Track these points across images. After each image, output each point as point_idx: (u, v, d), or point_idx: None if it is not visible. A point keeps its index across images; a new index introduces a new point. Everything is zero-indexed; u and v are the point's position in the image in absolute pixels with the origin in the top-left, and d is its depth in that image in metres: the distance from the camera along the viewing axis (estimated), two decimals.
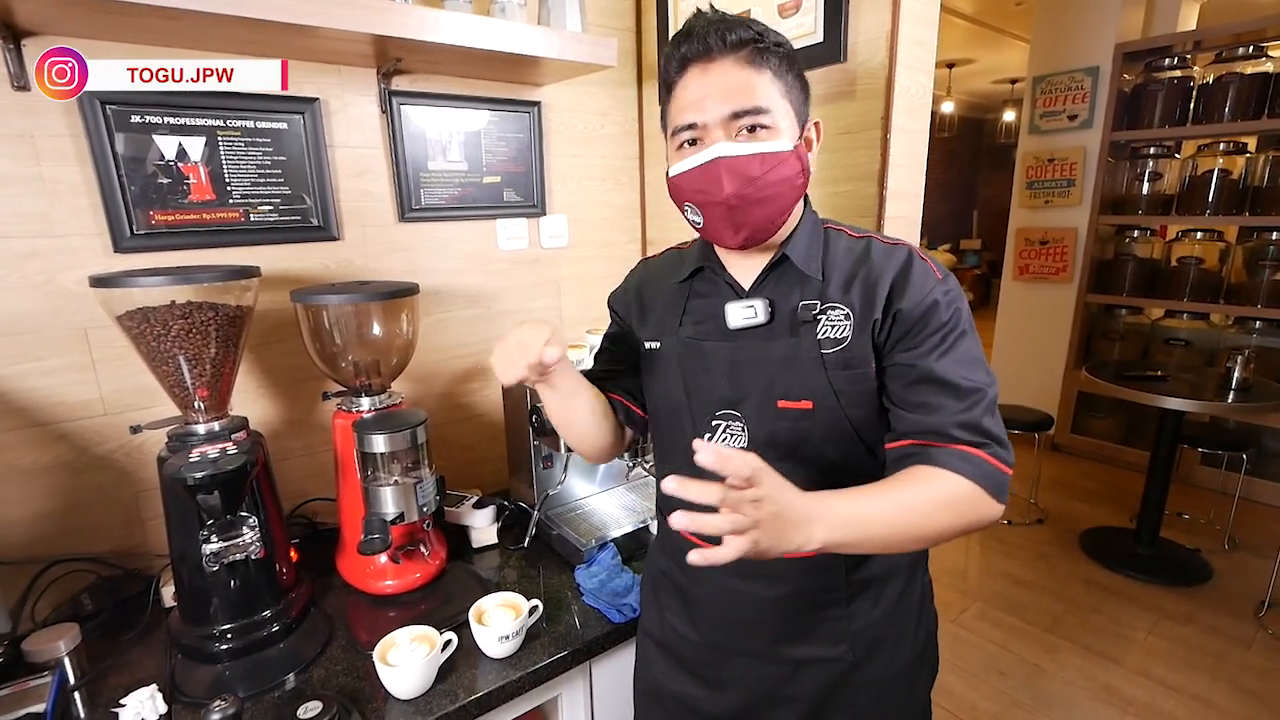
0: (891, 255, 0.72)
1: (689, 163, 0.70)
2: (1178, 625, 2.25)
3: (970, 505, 0.64)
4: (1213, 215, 3.16)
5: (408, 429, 1.01)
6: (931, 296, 0.68)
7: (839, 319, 0.71)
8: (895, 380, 0.70)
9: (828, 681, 0.80)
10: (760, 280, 0.76)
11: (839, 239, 0.76)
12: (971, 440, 0.65)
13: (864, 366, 0.70)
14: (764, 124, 0.67)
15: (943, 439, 0.66)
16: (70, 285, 1.00)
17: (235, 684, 0.87)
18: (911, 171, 1.17)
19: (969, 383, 0.67)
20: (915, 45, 1.11)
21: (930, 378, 0.67)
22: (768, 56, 0.67)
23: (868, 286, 0.71)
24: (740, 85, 0.66)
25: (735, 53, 0.67)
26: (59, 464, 1.03)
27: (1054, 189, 3.57)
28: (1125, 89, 3.34)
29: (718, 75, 0.67)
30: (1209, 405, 2.43)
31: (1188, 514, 3.00)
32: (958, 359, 0.67)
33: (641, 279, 0.90)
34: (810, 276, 0.73)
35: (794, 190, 0.71)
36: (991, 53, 5.82)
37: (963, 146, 8.81)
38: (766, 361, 0.73)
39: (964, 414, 0.66)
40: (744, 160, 0.67)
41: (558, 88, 1.43)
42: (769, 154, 0.67)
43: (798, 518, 0.55)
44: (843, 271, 0.73)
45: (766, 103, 0.67)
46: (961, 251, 8.98)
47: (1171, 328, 3.44)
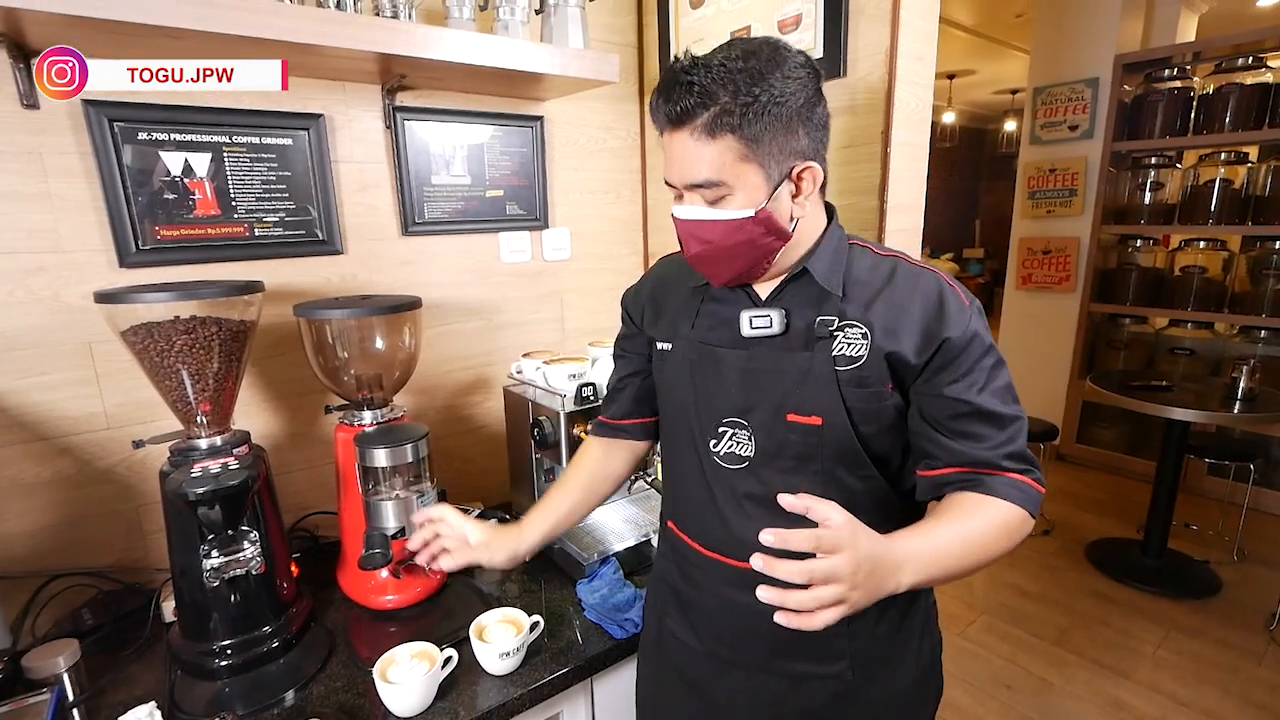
0: (919, 280, 0.72)
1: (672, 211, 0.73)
2: (1187, 638, 2.23)
3: (1020, 529, 0.68)
4: (1215, 225, 3.15)
5: (409, 443, 1.01)
6: (972, 327, 0.69)
7: (856, 338, 0.71)
8: (939, 410, 0.70)
9: (827, 698, 0.79)
10: (778, 291, 0.76)
11: (863, 256, 0.75)
12: (1018, 469, 0.69)
13: (878, 385, 0.71)
14: (719, 195, 0.67)
15: (992, 468, 0.69)
16: (75, 300, 1.01)
17: (234, 701, 0.87)
18: (912, 185, 1.18)
19: (1010, 412, 0.69)
20: (914, 60, 1.12)
21: (978, 411, 0.68)
22: (724, 120, 0.63)
23: (892, 308, 0.70)
24: (692, 160, 0.66)
25: (690, 122, 0.65)
26: (61, 478, 1.03)
27: (1056, 199, 3.58)
28: (1125, 99, 3.35)
29: (678, 145, 0.67)
30: (1215, 415, 2.41)
31: (1195, 525, 2.98)
32: (998, 389, 0.69)
33: (658, 277, 0.90)
34: (830, 292, 0.72)
35: (761, 250, 0.70)
36: (992, 64, 5.84)
37: (964, 156, 8.83)
38: (779, 373, 0.73)
39: (1009, 445, 0.69)
40: (700, 225, 0.69)
41: (560, 102, 1.45)
42: (721, 221, 0.68)
43: (888, 567, 0.58)
44: (864, 290, 0.72)
45: (717, 175, 0.65)
46: (964, 260, 8.97)
47: (1176, 337, 3.43)
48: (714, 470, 0.78)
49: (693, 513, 0.83)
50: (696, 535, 0.82)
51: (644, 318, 0.89)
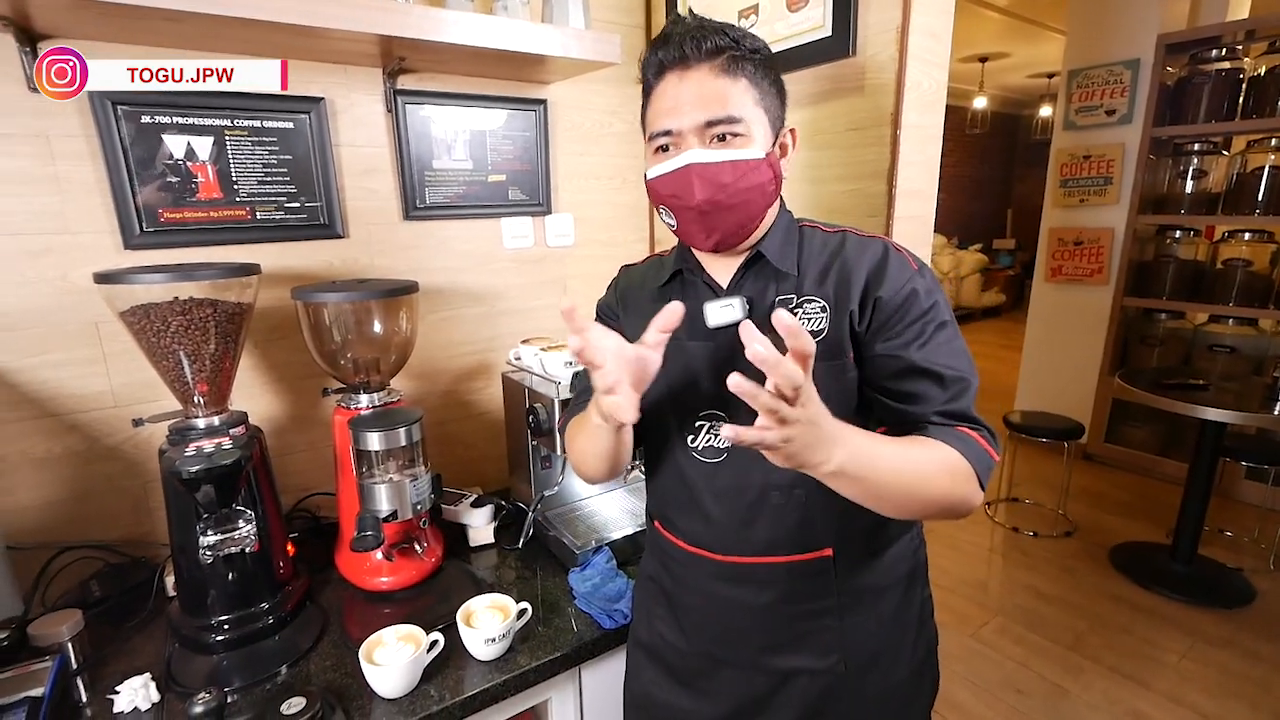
0: (866, 247, 0.73)
1: (663, 168, 0.70)
2: (1215, 649, 2.13)
3: (963, 480, 0.64)
4: (1263, 215, 2.99)
5: (402, 426, 1.01)
6: (910, 285, 0.69)
7: (815, 311, 0.71)
8: (879, 371, 0.70)
9: (818, 694, 0.78)
10: (738, 279, 0.76)
11: (814, 235, 0.77)
12: (963, 423, 0.67)
13: (843, 357, 0.70)
14: (736, 132, 0.67)
15: (930, 423, 0.67)
16: (82, 281, 1.03)
17: (229, 675, 0.89)
18: (923, 170, 1.13)
19: (953, 372, 0.67)
20: (928, 37, 1.07)
21: (915, 368, 0.67)
22: (743, 64, 0.67)
23: (842, 277, 0.71)
24: (714, 94, 0.67)
25: (710, 61, 0.67)
26: (70, 453, 1.06)
27: (1089, 187, 3.43)
28: (1168, 82, 3.18)
29: (693, 83, 0.67)
30: (1254, 417, 2.29)
31: (1230, 531, 2.85)
32: (940, 348, 0.68)
33: (624, 286, 0.90)
34: (785, 272, 0.73)
35: (765, 196, 0.71)
36: (1027, 46, 5.63)
37: (996, 144, 8.56)
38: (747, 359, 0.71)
39: (951, 403, 0.67)
40: (715, 167, 0.67)
41: (564, 86, 1.43)
42: (740, 161, 0.68)
43: (826, 434, 0.55)
44: (818, 265, 0.73)
45: (739, 112, 0.67)
46: (994, 251, 8.71)
47: (1216, 334, 3.27)
48: (693, 466, 0.77)
49: (675, 510, 0.82)
50: (680, 532, 0.81)
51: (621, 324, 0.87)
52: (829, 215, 1.17)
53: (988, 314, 8.06)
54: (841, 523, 0.74)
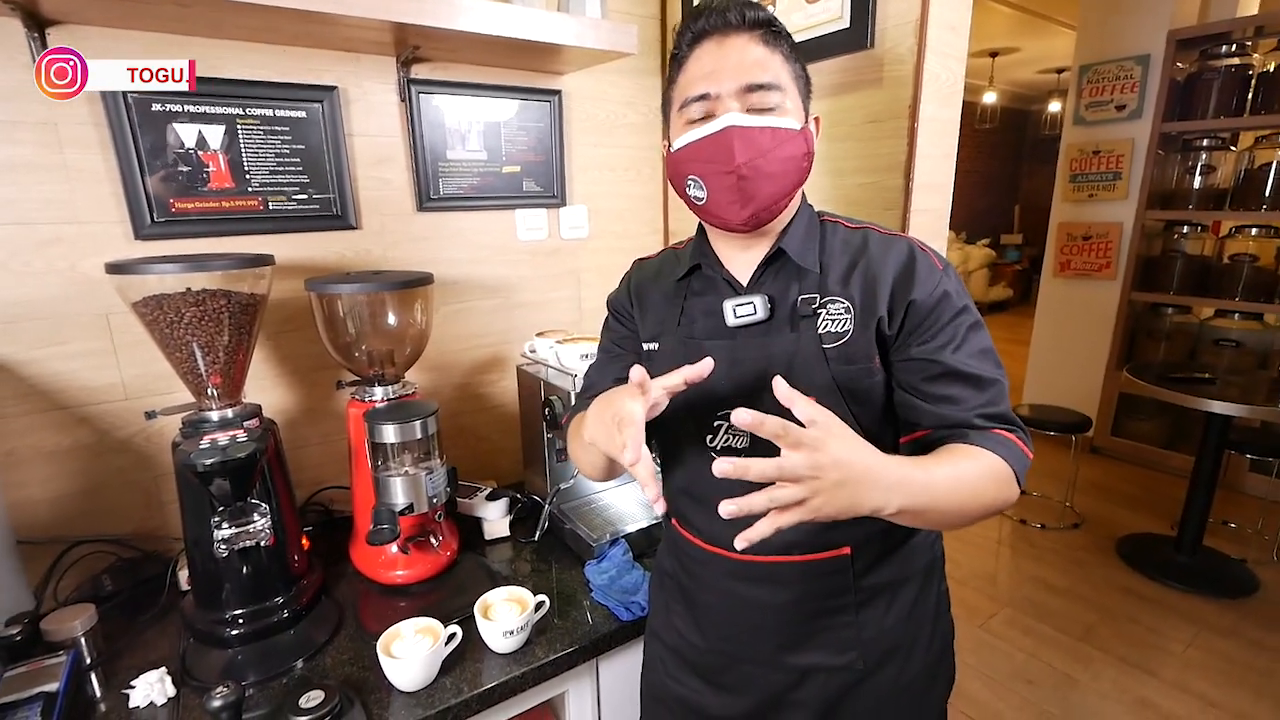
0: (891, 247, 0.71)
1: (698, 132, 0.68)
2: (1220, 638, 2.14)
3: (1005, 484, 0.64)
4: (1270, 211, 2.98)
5: (418, 419, 1.00)
6: (941, 288, 0.68)
7: (839, 313, 0.70)
8: (915, 374, 0.69)
9: (836, 690, 0.78)
10: (758, 276, 0.74)
11: (835, 230, 0.75)
12: (1002, 427, 0.67)
13: (866, 361, 0.69)
14: (775, 102, 0.67)
15: (973, 427, 0.67)
16: (92, 271, 1.01)
17: (245, 669, 0.88)
18: (940, 163, 1.12)
19: (988, 374, 0.68)
20: (946, 30, 1.06)
21: (952, 371, 0.67)
22: (780, 41, 0.69)
23: (868, 279, 0.70)
24: (757, 60, 0.67)
25: (752, 30, 0.67)
26: (80, 446, 1.05)
27: (1099, 182, 3.42)
28: (1178, 78, 3.16)
29: (734, 48, 0.67)
30: (1260, 410, 2.29)
31: (1234, 522, 2.86)
32: (974, 351, 0.68)
33: (638, 280, 0.87)
34: (808, 270, 0.72)
35: (799, 171, 0.70)
36: (1037, 41, 5.59)
37: (1005, 139, 8.52)
38: (768, 358, 0.71)
39: (988, 406, 0.67)
40: (756, 131, 0.66)
41: (579, 76, 1.41)
42: (780, 129, 0.67)
43: (872, 482, 0.54)
44: (841, 263, 0.72)
45: (780, 81, 0.67)
46: (1002, 246, 8.70)
47: (1222, 328, 3.27)
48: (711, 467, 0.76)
49: (693, 508, 0.80)
50: (698, 530, 0.80)
51: (634, 319, 0.86)
52: (846, 208, 1.16)
53: (995, 308, 8.07)
54: (861, 524, 0.72)
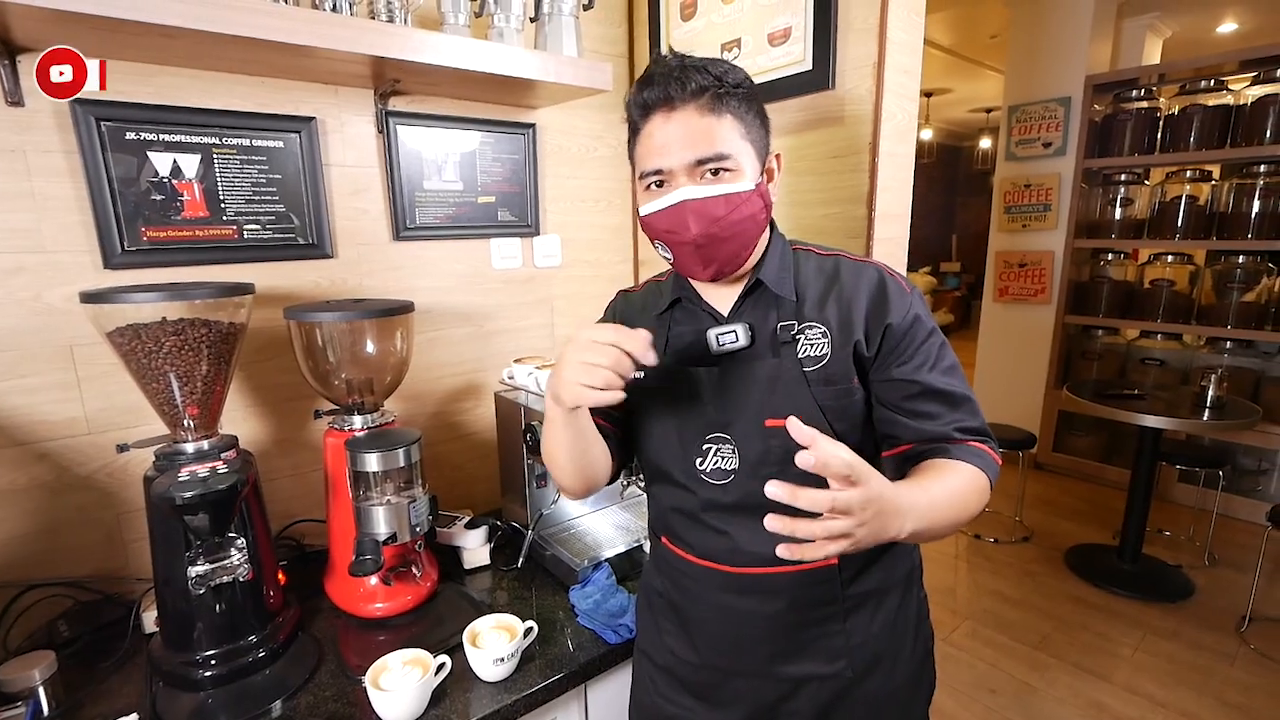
0: (862, 273, 0.76)
1: (657, 204, 0.72)
2: (1163, 641, 2.28)
3: (983, 492, 0.70)
4: (1182, 239, 3.26)
5: (401, 447, 1.00)
6: (913, 311, 0.73)
7: (817, 337, 0.74)
8: (894, 393, 0.74)
9: (827, 698, 0.80)
10: (738, 306, 0.78)
11: (808, 259, 0.79)
12: (976, 439, 0.72)
13: (845, 382, 0.74)
14: (726, 167, 0.69)
15: (951, 440, 0.72)
16: (57, 302, 0.98)
17: (218, 712, 0.84)
18: (899, 194, 1.21)
19: (960, 391, 0.74)
20: (901, 73, 1.15)
21: (929, 390, 0.72)
22: (727, 100, 0.69)
23: (843, 304, 0.74)
24: (701, 133, 0.68)
25: (695, 100, 0.68)
26: (37, 485, 1.00)
27: (1031, 213, 3.68)
28: (1096, 118, 3.47)
29: (680, 123, 0.69)
30: (1185, 423, 2.49)
31: (1168, 530, 3.05)
32: (945, 368, 0.74)
33: (622, 312, 0.90)
34: (785, 298, 0.76)
35: (757, 226, 0.73)
36: (968, 82, 6.02)
37: (941, 172, 9.03)
38: (751, 383, 0.75)
39: (964, 420, 0.73)
40: (709, 202, 0.69)
41: (552, 110, 1.46)
42: (732, 195, 0.69)
43: (894, 511, 0.57)
44: (816, 290, 0.76)
45: (727, 148, 0.69)
46: (942, 274, 9.15)
47: (1147, 348, 3.52)
48: (703, 488, 0.78)
49: (683, 524, 0.82)
50: (689, 546, 0.82)
51: None
52: (814, 237, 1.22)
53: None
54: None
